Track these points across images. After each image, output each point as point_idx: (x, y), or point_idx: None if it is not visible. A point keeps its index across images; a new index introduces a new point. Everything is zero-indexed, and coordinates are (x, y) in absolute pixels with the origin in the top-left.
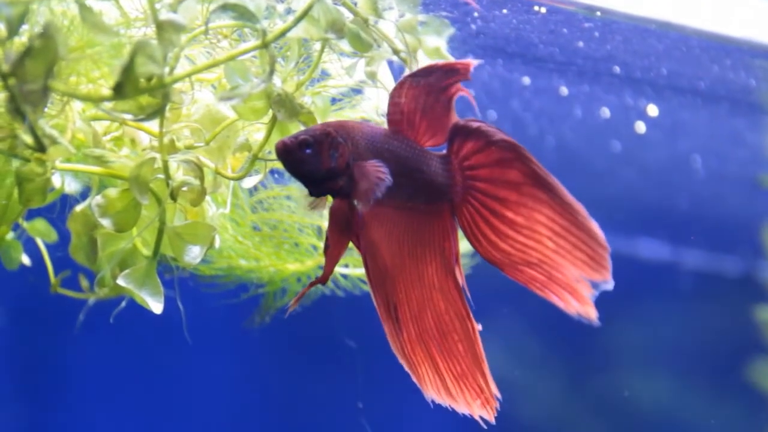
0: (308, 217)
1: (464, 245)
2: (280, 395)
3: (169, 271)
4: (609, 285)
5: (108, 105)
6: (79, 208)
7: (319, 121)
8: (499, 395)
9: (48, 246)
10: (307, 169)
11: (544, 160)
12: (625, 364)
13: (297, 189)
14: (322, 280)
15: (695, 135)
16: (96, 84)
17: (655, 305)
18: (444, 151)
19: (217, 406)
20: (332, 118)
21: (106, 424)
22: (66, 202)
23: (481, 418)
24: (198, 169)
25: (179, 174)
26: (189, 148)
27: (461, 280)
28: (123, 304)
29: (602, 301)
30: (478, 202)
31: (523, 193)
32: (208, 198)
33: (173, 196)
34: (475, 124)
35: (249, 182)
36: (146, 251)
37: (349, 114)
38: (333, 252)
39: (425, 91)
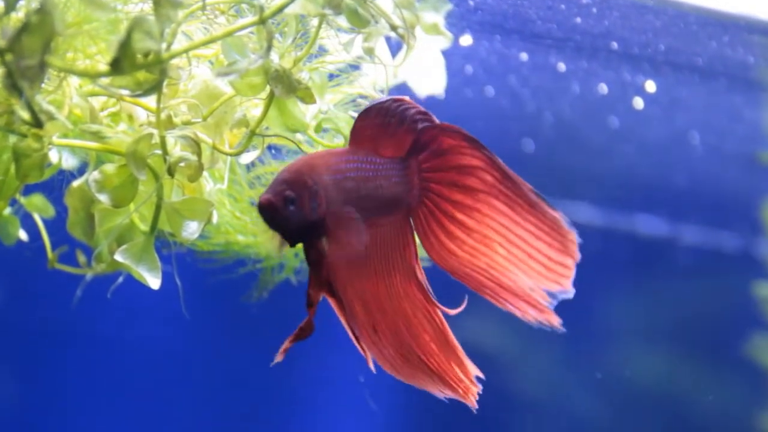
0: None
1: None
2: (280, 370)
3: (167, 246)
4: (568, 294)
5: (105, 81)
6: (76, 183)
7: (317, 98)
8: (481, 375)
9: (46, 224)
10: (292, 226)
11: (542, 137)
12: (622, 339)
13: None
14: (307, 331)
15: (693, 111)
16: (93, 60)
17: (653, 281)
18: (404, 154)
19: (214, 381)
20: (330, 94)
21: (101, 399)
22: (64, 178)
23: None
24: (195, 144)
25: (177, 150)
26: (186, 123)
27: (421, 276)
28: (120, 279)
29: (601, 276)
30: (433, 204)
31: (478, 200)
32: (205, 174)
33: (171, 172)
34: (445, 129)
35: (246, 158)
36: (144, 227)
37: (347, 90)
38: (316, 301)
39: (391, 113)
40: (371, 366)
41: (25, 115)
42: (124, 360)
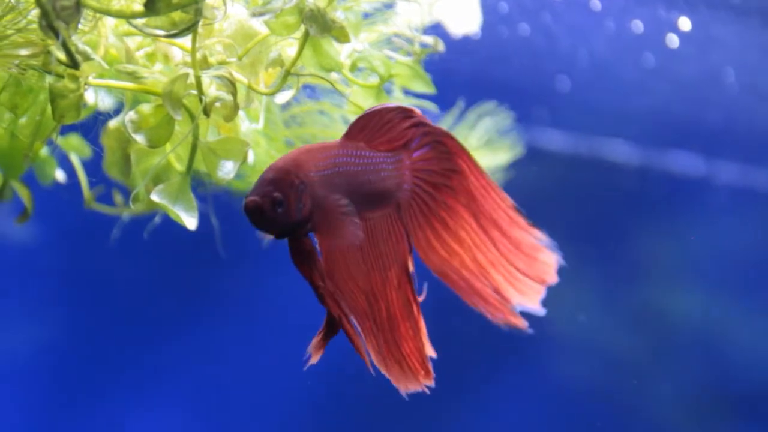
0: (342, 132)
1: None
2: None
3: (203, 186)
4: (538, 312)
5: (140, 21)
6: (112, 123)
7: (352, 36)
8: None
9: (83, 164)
10: (279, 227)
11: (577, 74)
12: (657, 277)
13: (330, 104)
14: (334, 329)
15: (727, 48)
16: (128, 0)
17: (688, 218)
18: (398, 150)
19: (250, 321)
20: (365, 33)
21: (137, 338)
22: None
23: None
24: (231, 84)
25: (212, 89)
26: (222, 63)
27: (411, 269)
28: (157, 219)
29: (636, 214)
30: (422, 200)
31: (457, 201)
32: (241, 113)
33: (206, 112)
34: (439, 134)
35: (282, 97)
36: (180, 167)
37: (381, 29)
38: (326, 293)
39: (390, 120)
40: (371, 370)
41: (62, 55)
42: (162, 300)
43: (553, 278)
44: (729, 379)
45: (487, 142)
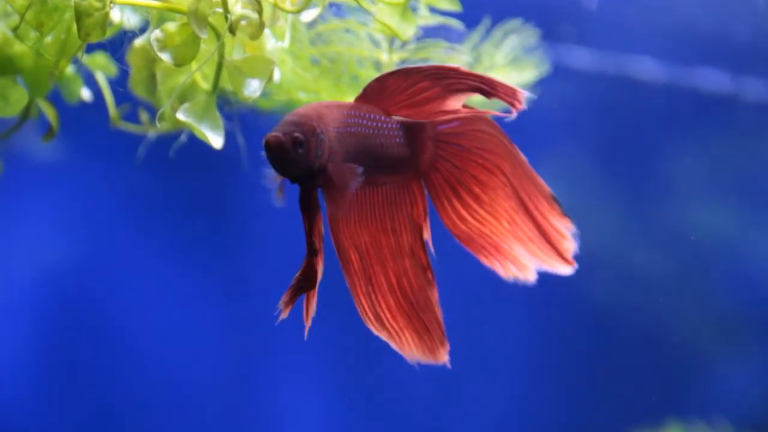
0: (368, 50)
1: None
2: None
3: (229, 105)
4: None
5: None
6: (138, 42)
7: None
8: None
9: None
10: (297, 169)
11: None
12: (684, 194)
13: (356, 22)
14: (308, 283)
15: None
16: None
17: (715, 136)
18: (421, 116)
19: (275, 237)
20: None
21: (164, 254)
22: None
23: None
24: (256, 2)
25: (238, 7)
26: None
27: (427, 236)
28: (182, 137)
29: (664, 132)
30: (449, 171)
31: (493, 181)
32: (266, 31)
33: (232, 30)
34: (476, 116)
35: (308, 15)
36: (206, 85)
37: None
38: (318, 247)
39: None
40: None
41: None
42: (182, 216)
43: (568, 248)
44: (756, 296)
45: (513, 60)
